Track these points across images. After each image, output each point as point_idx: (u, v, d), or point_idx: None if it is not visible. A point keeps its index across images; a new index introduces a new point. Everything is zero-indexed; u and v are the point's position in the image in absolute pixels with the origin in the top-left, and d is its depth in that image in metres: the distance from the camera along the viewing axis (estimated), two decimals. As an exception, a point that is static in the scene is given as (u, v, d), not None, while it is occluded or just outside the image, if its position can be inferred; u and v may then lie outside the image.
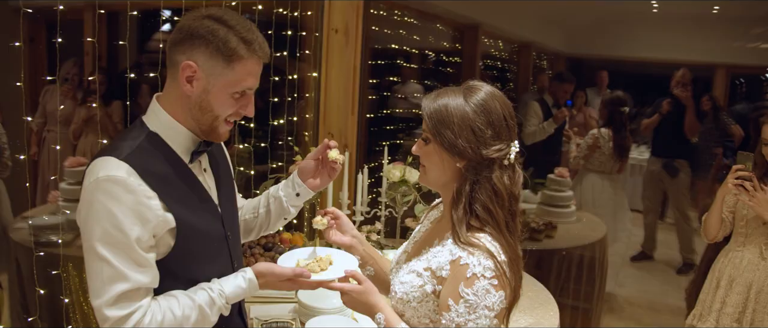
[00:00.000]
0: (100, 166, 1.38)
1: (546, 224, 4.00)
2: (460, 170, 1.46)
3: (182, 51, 1.44)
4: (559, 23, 8.06)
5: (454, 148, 1.43)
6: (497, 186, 1.44)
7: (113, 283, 1.34)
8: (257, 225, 1.88)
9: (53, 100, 4.16)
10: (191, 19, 1.44)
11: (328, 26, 3.39)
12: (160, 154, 1.47)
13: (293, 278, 1.52)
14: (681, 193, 5.75)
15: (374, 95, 5.34)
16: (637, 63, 8.67)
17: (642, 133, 5.85)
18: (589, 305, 4.03)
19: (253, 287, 1.52)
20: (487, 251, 1.38)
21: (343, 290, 1.52)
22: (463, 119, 1.42)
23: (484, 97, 1.45)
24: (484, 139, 1.43)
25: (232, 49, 1.42)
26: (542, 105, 5.47)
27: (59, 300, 2.71)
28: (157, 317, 1.38)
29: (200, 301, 1.44)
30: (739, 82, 9.25)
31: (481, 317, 1.35)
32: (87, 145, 4.30)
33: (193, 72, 1.43)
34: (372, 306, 1.50)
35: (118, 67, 4.52)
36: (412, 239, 1.69)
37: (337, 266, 1.62)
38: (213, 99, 1.46)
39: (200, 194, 1.54)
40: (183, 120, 1.50)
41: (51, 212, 3.23)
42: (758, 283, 2.62)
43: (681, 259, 5.90)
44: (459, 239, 1.42)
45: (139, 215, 1.36)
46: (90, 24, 4.08)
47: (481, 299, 1.35)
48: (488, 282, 1.35)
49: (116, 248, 1.34)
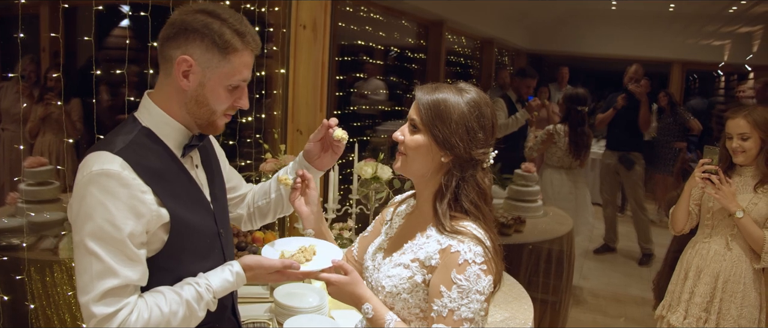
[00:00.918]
0: (93, 160, 1.36)
1: (514, 219, 4.03)
2: (444, 165, 1.48)
3: (176, 46, 1.43)
4: (520, 20, 8.17)
5: (447, 143, 1.44)
6: (482, 185, 1.49)
7: (102, 279, 1.31)
8: (272, 209, 1.88)
9: (8, 97, 4.01)
10: (183, 14, 1.43)
11: (296, 22, 3.35)
12: (153, 150, 1.45)
13: (282, 270, 1.51)
14: (636, 185, 5.89)
15: (341, 92, 5.31)
16: (596, 59, 8.86)
17: (597, 127, 5.98)
18: (557, 298, 4.09)
19: (241, 280, 1.50)
20: (476, 238, 1.41)
21: (329, 280, 1.51)
22: (461, 117, 1.45)
23: (479, 101, 1.48)
24: (476, 140, 1.46)
25: (227, 42, 1.42)
26: (506, 101, 5.53)
27: (23, 306, 2.61)
28: (144, 315, 1.35)
29: (187, 296, 1.41)
30: (693, 77, 9.52)
31: (473, 301, 1.37)
32: (44, 145, 4.15)
33: (189, 66, 1.42)
34: (359, 297, 1.50)
35: (76, 64, 4.38)
36: (386, 235, 1.69)
37: (322, 256, 1.61)
38: (209, 92, 1.46)
39: (193, 189, 1.53)
40: (177, 115, 1.49)
41: (9, 215, 3.11)
42: (725, 273, 2.69)
43: (640, 250, 6.06)
44: (445, 229, 1.44)
45: (133, 210, 1.34)
46: (46, 19, 3.95)
47: (473, 284, 1.37)
48: (479, 267, 1.38)
49: (107, 243, 1.31)
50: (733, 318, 2.67)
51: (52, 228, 3.02)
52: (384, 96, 6.23)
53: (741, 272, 2.68)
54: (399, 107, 6.29)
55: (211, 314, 1.52)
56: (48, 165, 3.28)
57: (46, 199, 3.14)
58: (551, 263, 4.00)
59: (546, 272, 3.98)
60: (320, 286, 2.52)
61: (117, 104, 4.24)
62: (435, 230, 1.47)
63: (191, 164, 1.56)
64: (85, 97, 2.78)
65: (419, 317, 1.48)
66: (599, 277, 5.68)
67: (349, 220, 3.04)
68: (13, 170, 3.44)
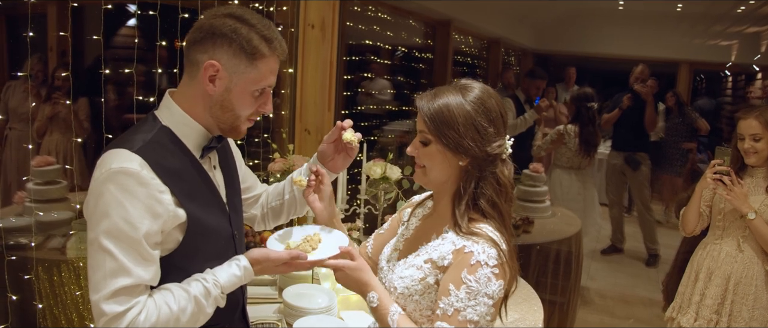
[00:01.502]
0: (112, 157, 1.35)
1: (523, 220, 4.02)
2: (463, 168, 1.47)
3: (204, 50, 1.42)
4: (527, 20, 8.15)
5: (460, 147, 1.43)
6: (501, 179, 1.46)
7: (115, 277, 1.30)
8: (285, 210, 1.87)
9: (16, 96, 4.01)
10: (211, 18, 1.43)
11: (304, 22, 3.34)
12: (172, 149, 1.44)
13: (289, 261, 1.49)
14: (642, 185, 5.87)
15: (348, 92, 5.30)
16: (603, 59, 8.83)
17: (603, 127, 5.96)
18: (565, 298, 4.07)
19: (249, 275, 1.49)
20: (491, 240, 1.39)
21: (336, 266, 1.50)
22: (467, 118, 1.42)
23: (481, 96, 1.46)
24: (487, 137, 1.44)
25: (255, 48, 1.42)
26: (515, 101, 5.51)
27: (31, 305, 2.61)
28: (153, 314, 1.34)
29: (195, 292, 1.40)
30: (700, 78, 9.48)
31: (480, 303, 1.35)
32: (52, 144, 4.16)
33: (216, 71, 1.42)
34: (365, 284, 1.49)
35: (84, 63, 4.38)
36: (402, 236, 1.68)
37: (327, 243, 1.60)
38: (235, 98, 1.46)
39: (210, 190, 1.52)
40: (199, 117, 1.48)
41: (17, 214, 3.11)
42: (736, 275, 2.67)
43: (646, 250, 6.03)
44: (461, 230, 1.43)
45: (150, 209, 1.33)
46: (54, 18, 3.95)
47: (483, 287, 1.35)
48: (490, 270, 1.36)
49: (122, 242, 1.31)
50: (744, 320, 2.65)
51: (59, 227, 3.02)
52: (391, 96, 6.22)
53: (753, 273, 2.66)
54: (406, 107, 6.28)
55: (221, 316, 1.51)
56: (55, 164, 3.28)
57: (54, 198, 3.15)
58: (559, 263, 3.98)
59: (554, 273, 3.96)
60: (329, 286, 2.52)
61: (124, 104, 4.24)
62: (451, 231, 1.46)
63: (209, 165, 1.56)
64: (93, 97, 2.76)
65: (430, 319, 1.47)
66: (606, 277, 5.66)
67: (357, 220, 3.03)
68: (21, 169, 3.44)
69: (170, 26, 2.67)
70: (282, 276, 2.56)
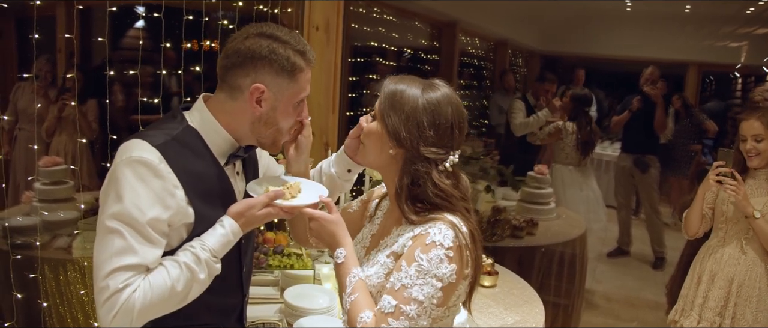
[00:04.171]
0: (133, 146, 1.39)
1: (527, 222, 4.01)
2: (394, 158, 1.47)
3: (245, 74, 1.46)
4: (534, 21, 8.13)
5: (395, 134, 1.43)
6: (440, 185, 1.43)
7: (121, 255, 1.33)
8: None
9: (25, 97, 4.06)
10: (244, 40, 1.46)
11: (308, 24, 3.35)
12: (195, 149, 1.47)
13: (269, 203, 1.48)
14: (651, 188, 5.85)
15: (353, 93, 5.32)
16: (611, 61, 8.80)
17: (612, 129, 5.94)
18: (569, 301, 4.06)
19: (236, 231, 1.47)
20: (449, 222, 1.39)
21: (313, 216, 1.50)
22: (414, 110, 1.43)
23: (439, 99, 1.45)
24: (424, 137, 1.43)
25: (294, 64, 1.46)
26: (525, 103, 5.54)
27: (37, 304, 2.64)
28: (148, 292, 1.35)
29: (185, 260, 1.41)
30: (709, 79, 9.43)
31: (428, 284, 1.34)
32: (60, 144, 4.21)
33: (261, 93, 1.46)
34: (338, 238, 1.49)
35: (91, 65, 4.43)
36: (369, 232, 1.66)
37: (307, 192, 1.60)
38: (279, 114, 1.50)
39: (227, 195, 1.54)
40: (236, 131, 1.52)
41: (25, 213, 3.14)
42: (739, 277, 2.66)
43: (653, 253, 6.01)
44: (413, 223, 1.43)
45: (162, 201, 1.37)
46: (62, 20, 3.99)
47: (433, 267, 1.34)
48: (444, 252, 1.35)
49: (130, 226, 1.34)
50: (747, 322, 2.64)
51: (65, 227, 3.05)
52: None
53: (756, 276, 2.64)
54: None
55: (215, 316, 1.53)
56: (62, 164, 3.32)
57: (61, 198, 3.17)
58: (564, 265, 3.97)
59: (558, 275, 3.95)
60: (331, 287, 2.53)
61: (131, 105, 4.28)
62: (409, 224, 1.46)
63: (232, 172, 1.58)
64: (101, 98, 2.79)
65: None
66: (612, 280, 5.63)
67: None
68: (29, 169, 3.48)
69: (175, 28, 2.69)
70: (283, 276, 2.57)
